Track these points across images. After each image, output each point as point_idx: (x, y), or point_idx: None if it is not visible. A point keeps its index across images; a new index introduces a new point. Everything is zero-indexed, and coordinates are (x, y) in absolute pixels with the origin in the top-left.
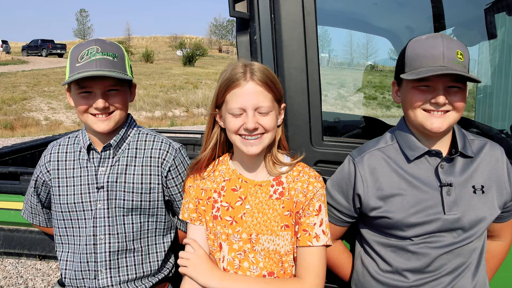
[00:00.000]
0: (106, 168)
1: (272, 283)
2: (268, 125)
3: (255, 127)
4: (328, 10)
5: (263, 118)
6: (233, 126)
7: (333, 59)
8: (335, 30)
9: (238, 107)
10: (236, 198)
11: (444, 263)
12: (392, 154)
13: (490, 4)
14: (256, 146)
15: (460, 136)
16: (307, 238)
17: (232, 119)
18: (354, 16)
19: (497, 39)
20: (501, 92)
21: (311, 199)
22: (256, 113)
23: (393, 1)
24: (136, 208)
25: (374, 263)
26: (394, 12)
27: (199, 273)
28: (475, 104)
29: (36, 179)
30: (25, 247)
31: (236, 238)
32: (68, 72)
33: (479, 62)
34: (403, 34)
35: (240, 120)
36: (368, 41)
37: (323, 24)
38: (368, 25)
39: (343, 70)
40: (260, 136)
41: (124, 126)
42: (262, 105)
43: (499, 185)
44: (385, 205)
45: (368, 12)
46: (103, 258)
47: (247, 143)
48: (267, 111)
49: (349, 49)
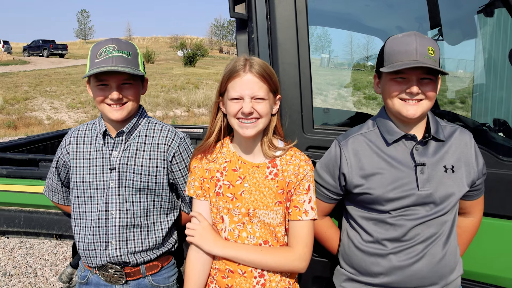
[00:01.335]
0: (118, 152)
1: (267, 250)
2: (262, 111)
3: (251, 111)
4: (320, 11)
5: (258, 105)
6: (232, 111)
7: (333, 60)
8: (334, 31)
9: (237, 94)
10: (236, 178)
11: (418, 233)
12: (373, 138)
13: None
14: (251, 129)
15: (433, 123)
16: (297, 213)
17: (232, 104)
18: (347, 17)
19: (480, 39)
20: (486, 89)
21: (302, 180)
22: (252, 100)
23: (383, 3)
24: (144, 188)
25: (358, 235)
26: (385, 12)
27: (204, 241)
28: (472, 101)
29: (57, 160)
30: (43, 227)
31: (236, 212)
32: (88, 66)
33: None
34: (394, 34)
35: (238, 105)
36: (368, 41)
37: (316, 24)
38: (360, 25)
39: (343, 70)
40: (255, 120)
41: (136, 115)
42: (257, 93)
43: (467, 165)
44: (366, 182)
45: (361, 12)
46: (113, 231)
47: (244, 126)
48: (261, 98)
49: (349, 50)
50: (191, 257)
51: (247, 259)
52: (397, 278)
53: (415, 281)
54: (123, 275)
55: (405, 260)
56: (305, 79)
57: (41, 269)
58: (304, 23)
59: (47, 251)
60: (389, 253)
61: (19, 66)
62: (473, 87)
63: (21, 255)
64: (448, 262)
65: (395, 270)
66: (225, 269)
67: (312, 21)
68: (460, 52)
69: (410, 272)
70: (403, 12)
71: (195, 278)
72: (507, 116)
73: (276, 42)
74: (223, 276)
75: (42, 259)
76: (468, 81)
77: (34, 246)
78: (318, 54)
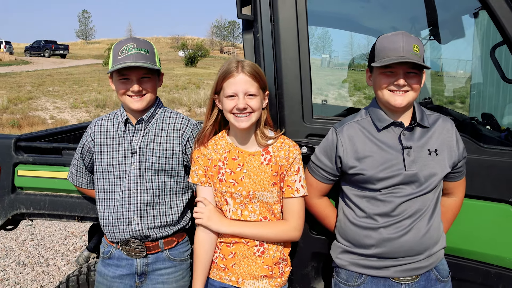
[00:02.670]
0: (138, 137)
1: (267, 224)
2: (254, 106)
3: (245, 107)
4: (320, 12)
5: (251, 101)
6: (228, 107)
7: (334, 60)
8: (334, 32)
9: (232, 92)
10: (236, 165)
11: (405, 209)
12: (366, 125)
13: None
14: (245, 122)
15: (418, 111)
16: (290, 192)
17: (227, 101)
18: (346, 18)
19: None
20: (480, 87)
21: (292, 163)
22: (246, 97)
23: (378, 5)
24: (162, 170)
25: (352, 212)
26: (380, 14)
27: (212, 222)
28: (469, 97)
29: (82, 146)
30: (66, 210)
31: (237, 195)
32: (111, 63)
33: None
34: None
35: (233, 102)
36: (369, 42)
37: (316, 25)
38: (357, 25)
39: (344, 70)
40: (248, 114)
41: (154, 105)
42: (250, 90)
43: (449, 149)
44: (360, 164)
45: (358, 13)
46: (135, 208)
47: (238, 119)
48: (253, 95)
49: (349, 51)
50: (199, 237)
51: (250, 233)
52: (386, 249)
53: (403, 252)
54: (144, 249)
55: (394, 233)
56: (305, 74)
57: (53, 259)
58: (304, 24)
59: (57, 242)
60: (380, 227)
61: (21, 66)
62: (471, 86)
63: (32, 246)
64: (432, 236)
65: (385, 242)
66: (230, 241)
67: (311, 21)
68: (457, 52)
69: (398, 244)
70: (396, 13)
71: (204, 255)
72: (496, 110)
73: (279, 41)
74: (228, 245)
75: (53, 250)
76: (466, 80)
77: (44, 238)
78: (319, 54)
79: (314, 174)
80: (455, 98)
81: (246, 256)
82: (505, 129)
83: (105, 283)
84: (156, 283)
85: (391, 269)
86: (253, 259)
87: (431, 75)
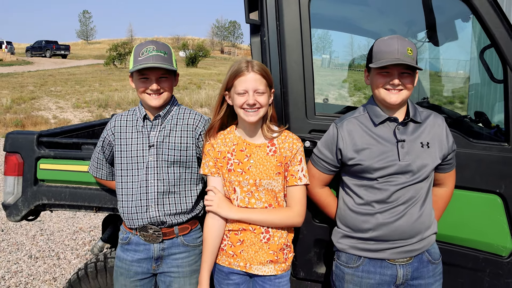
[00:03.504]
0: (155, 132)
1: (272, 210)
2: (262, 102)
3: (254, 103)
4: (323, 15)
5: (259, 97)
6: (239, 102)
7: (334, 60)
8: (334, 33)
9: (243, 89)
10: (244, 156)
11: (399, 196)
12: (364, 121)
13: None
14: (254, 116)
15: (412, 108)
16: (294, 180)
17: (238, 97)
18: (346, 21)
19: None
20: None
21: (295, 154)
22: (255, 94)
23: (377, 9)
24: (177, 161)
25: (352, 200)
26: (378, 17)
27: (221, 209)
28: (468, 97)
29: (103, 140)
30: (85, 200)
31: (245, 183)
32: (132, 63)
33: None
34: (386, 35)
35: (243, 98)
36: (368, 43)
37: (318, 27)
38: (357, 28)
39: (343, 71)
40: (257, 109)
41: (170, 103)
42: (259, 88)
43: (440, 142)
44: (358, 156)
45: (358, 16)
46: (153, 197)
47: (248, 114)
48: (262, 92)
49: (350, 51)
50: (209, 223)
51: (257, 219)
52: (382, 232)
53: (397, 235)
54: (160, 234)
55: (389, 218)
56: (308, 74)
57: (63, 252)
58: (307, 28)
59: (66, 237)
60: (376, 213)
61: (22, 67)
62: (469, 86)
63: (43, 240)
64: (423, 221)
65: (381, 226)
66: (238, 229)
67: (314, 24)
68: (458, 54)
69: (393, 227)
70: (394, 16)
71: (212, 241)
72: (492, 109)
73: (284, 44)
74: (236, 233)
75: (63, 244)
76: (465, 81)
77: (54, 233)
78: (319, 55)
79: (316, 165)
80: (455, 98)
81: (253, 242)
82: (494, 126)
83: (124, 266)
84: (171, 267)
85: (387, 252)
86: (260, 246)
87: (431, 76)
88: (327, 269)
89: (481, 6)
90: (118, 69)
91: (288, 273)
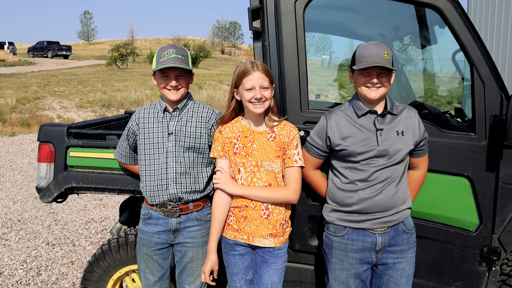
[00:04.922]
0: (174, 122)
1: (272, 188)
2: (267, 96)
3: (261, 97)
4: (318, 20)
5: (265, 92)
6: (247, 97)
7: (334, 61)
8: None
9: (250, 86)
10: (248, 141)
11: (378, 175)
12: (349, 113)
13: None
14: (261, 108)
15: (389, 102)
16: (291, 162)
17: (247, 93)
18: (340, 26)
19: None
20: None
21: (292, 139)
22: (261, 89)
23: (366, 16)
24: (192, 147)
25: (338, 179)
26: (368, 23)
27: (227, 186)
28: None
29: (128, 129)
30: (109, 184)
31: (248, 165)
32: (155, 63)
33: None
34: (377, 39)
35: (251, 93)
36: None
37: (314, 31)
38: (349, 31)
39: (343, 71)
40: (263, 102)
41: (186, 98)
42: (264, 84)
43: (413, 131)
44: (344, 142)
45: (350, 21)
46: (172, 177)
47: (256, 106)
48: (266, 87)
49: (349, 52)
50: (216, 199)
51: (258, 195)
52: (364, 206)
53: (376, 208)
54: (178, 210)
55: (369, 194)
56: (302, 75)
57: (77, 240)
58: (302, 35)
59: (80, 227)
60: (359, 189)
61: (25, 67)
62: (463, 87)
63: (58, 229)
64: (399, 197)
65: (363, 200)
66: (241, 205)
67: (310, 29)
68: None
69: (372, 202)
70: (381, 23)
71: (219, 214)
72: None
73: (282, 48)
74: (240, 210)
75: (77, 233)
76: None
77: (67, 223)
78: (319, 55)
79: (309, 151)
80: (453, 98)
81: (255, 218)
82: (468, 119)
83: (145, 238)
84: (186, 238)
85: (367, 222)
86: (261, 221)
87: (431, 76)
88: (319, 241)
89: (451, 16)
90: (120, 69)
91: (285, 245)
